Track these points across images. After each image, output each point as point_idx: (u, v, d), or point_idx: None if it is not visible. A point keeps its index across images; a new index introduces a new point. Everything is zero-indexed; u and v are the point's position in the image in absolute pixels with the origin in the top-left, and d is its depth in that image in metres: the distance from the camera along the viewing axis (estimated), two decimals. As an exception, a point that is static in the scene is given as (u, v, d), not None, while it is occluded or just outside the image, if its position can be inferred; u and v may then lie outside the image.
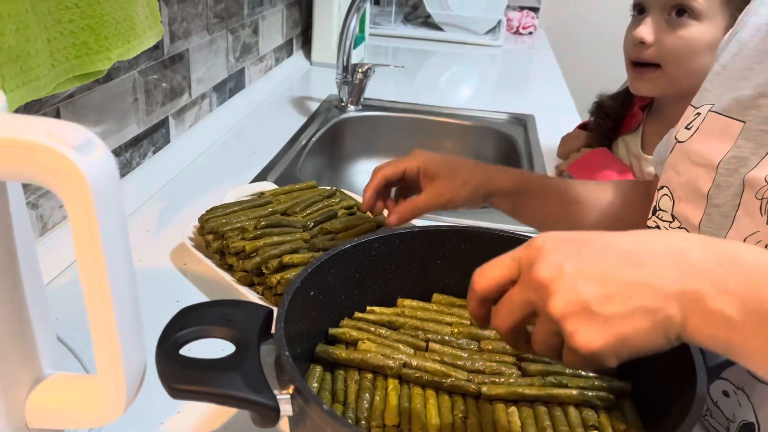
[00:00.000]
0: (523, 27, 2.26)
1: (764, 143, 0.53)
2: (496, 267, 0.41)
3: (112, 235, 0.36)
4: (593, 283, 0.36)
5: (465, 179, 0.71)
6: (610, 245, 0.38)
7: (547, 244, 0.38)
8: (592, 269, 0.37)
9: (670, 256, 0.36)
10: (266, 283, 0.68)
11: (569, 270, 0.37)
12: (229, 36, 1.23)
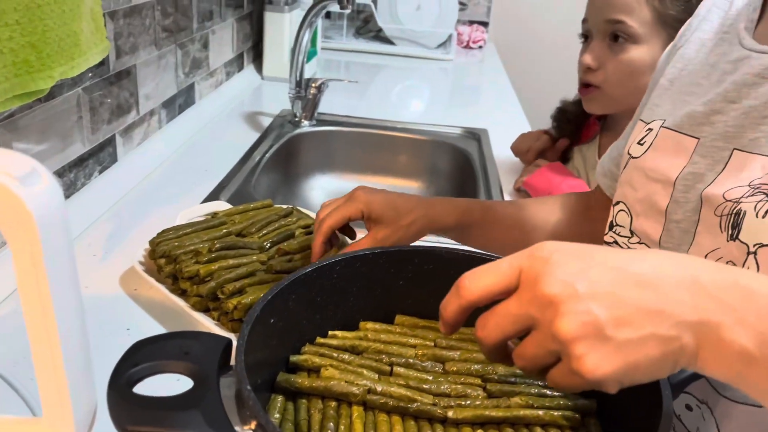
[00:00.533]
0: (473, 41, 2.29)
1: (720, 160, 0.54)
2: (491, 274, 0.38)
3: (59, 269, 0.33)
4: (607, 305, 0.34)
5: (409, 221, 0.71)
6: (622, 266, 0.36)
7: (554, 256, 0.36)
8: (605, 290, 0.34)
9: (683, 281, 0.35)
10: (222, 308, 0.66)
11: (581, 289, 0.34)
12: (178, 51, 1.20)
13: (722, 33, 0.61)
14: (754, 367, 0.34)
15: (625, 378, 0.35)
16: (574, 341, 0.34)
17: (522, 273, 0.37)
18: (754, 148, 0.52)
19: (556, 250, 0.37)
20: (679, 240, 0.56)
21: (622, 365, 0.34)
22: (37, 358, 0.34)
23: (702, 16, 0.65)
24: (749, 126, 0.53)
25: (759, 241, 0.49)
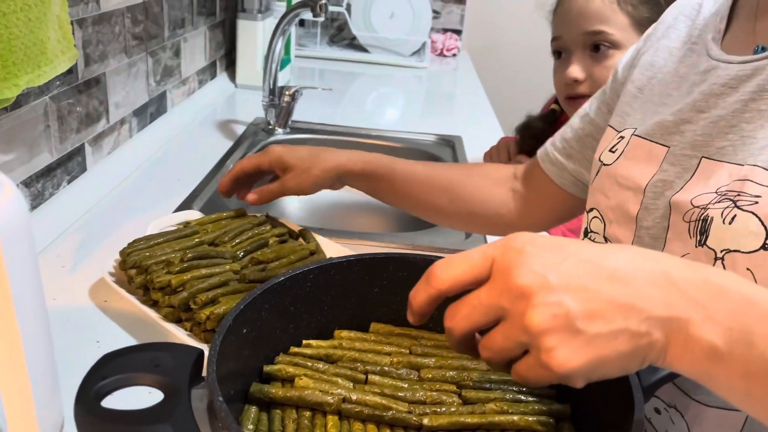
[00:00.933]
0: (447, 49, 2.31)
1: (688, 168, 0.55)
2: (463, 263, 0.37)
3: (22, 281, 0.33)
4: (579, 298, 0.34)
5: (318, 168, 0.81)
6: (596, 260, 0.36)
7: (527, 247, 0.36)
8: (578, 283, 0.34)
9: (655, 277, 0.35)
10: (194, 318, 0.65)
11: (555, 281, 0.34)
12: (149, 58, 1.19)
13: (690, 43, 0.62)
14: (722, 363, 0.34)
15: (594, 373, 0.35)
16: (544, 334, 0.34)
17: (494, 263, 0.36)
18: (721, 156, 0.53)
19: (529, 241, 0.36)
20: (649, 246, 0.57)
21: (592, 359, 0.34)
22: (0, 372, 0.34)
23: (668, 24, 0.67)
24: (717, 135, 0.54)
25: (726, 246, 0.49)
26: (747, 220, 0.48)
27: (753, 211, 0.48)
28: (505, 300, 0.35)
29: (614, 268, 0.35)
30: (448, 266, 0.38)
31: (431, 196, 0.84)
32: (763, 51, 0.54)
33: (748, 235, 0.48)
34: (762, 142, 0.50)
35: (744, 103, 0.53)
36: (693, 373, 0.35)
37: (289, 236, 0.82)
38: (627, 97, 0.67)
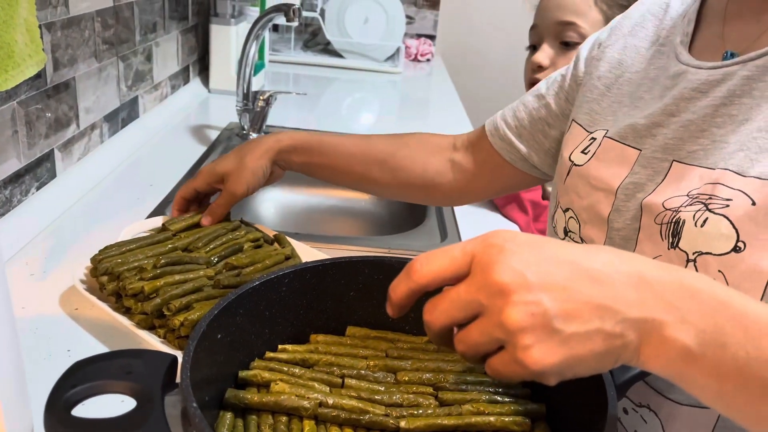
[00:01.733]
0: (421, 54, 2.32)
1: (660, 170, 0.55)
2: (443, 258, 0.37)
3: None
4: (557, 298, 0.34)
5: (250, 159, 0.80)
6: (576, 260, 0.36)
7: (508, 245, 0.36)
8: (556, 283, 0.35)
9: (631, 279, 0.35)
10: (168, 325, 0.64)
11: (533, 279, 0.34)
12: (120, 63, 1.17)
13: (659, 45, 0.63)
14: (694, 364, 0.35)
15: (568, 371, 0.35)
16: (520, 331, 0.34)
17: (474, 259, 0.37)
18: (692, 160, 0.54)
19: (510, 239, 0.37)
20: (620, 248, 0.58)
21: (566, 358, 0.35)
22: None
23: (636, 21, 0.67)
24: (688, 139, 0.55)
25: (698, 249, 0.50)
26: (718, 223, 0.49)
27: (724, 214, 0.49)
28: (483, 296, 0.35)
29: (592, 268, 0.36)
30: (429, 261, 0.38)
31: (365, 168, 0.84)
32: (732, 57, 0.55)
33: (720, 237, 0.49)
34: (733, 147, 0.51)
35: (715, 108, 0.54)
36: (666, 373, 0.36)
37: (263, 241, 0.82)
38: (594, 94, 0.67)
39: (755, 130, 0.50)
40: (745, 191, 0.48)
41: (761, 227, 0.47)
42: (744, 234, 0.48)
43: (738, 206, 0.48)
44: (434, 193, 0.85)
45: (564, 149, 0.67)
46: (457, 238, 0.96)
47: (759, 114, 0.51)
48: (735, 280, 0.48)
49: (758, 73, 0.52)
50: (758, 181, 0.48)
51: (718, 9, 0.60)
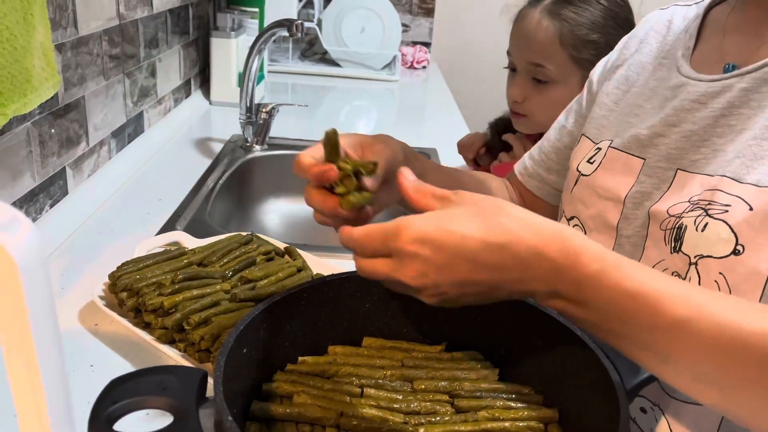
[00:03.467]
0: (417, 61, 2.34)
1: (665, 179, 0.58)
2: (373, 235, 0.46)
3: (42, 319, 0.34)
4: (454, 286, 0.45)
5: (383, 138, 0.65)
6: (476, 258, 0.44)
7: (422, 251, 0.44)
8: (455, 279, 0.45)
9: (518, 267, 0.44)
10: (188, 339, 0.66)
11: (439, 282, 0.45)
12: (126, 80, 1.19)
13: (661, 58, 0.66)
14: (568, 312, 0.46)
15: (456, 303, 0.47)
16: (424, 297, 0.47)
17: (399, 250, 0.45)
18: (695, 168, 0.56)
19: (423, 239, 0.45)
20: (629, 254, 0.60)
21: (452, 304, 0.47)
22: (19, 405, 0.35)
23: (641, 39, 0.70)
24: (690, 148, 0.57)
25: (699, 252, 0.53)
26: (718, 228, 0.51)
27: (723, 219, 0.51)
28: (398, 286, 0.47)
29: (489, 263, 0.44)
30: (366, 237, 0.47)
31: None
32: (733, 69, 0.57)
33: (719, 242, 0.51)
34: (731, 155, 0.54)
35: (715, 118, 0.56)
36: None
37: (275, 254, 0.84)
38: (603, 110, 0.70)
39: (750, 138, 0.53)
40: (743, 197, 0.51)
41: (758, 231, 0.49)
42: (743, 238, 0.50)
43: (736, 212, 0.51)
44: None
45: (573, 161, 0.70)
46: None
47: (755, 123, 0.53)
48: (735, 281, 0.51)
49: (755, 85, 0.55)
50: (755, 188, 0.51)
51: (718, 23, 0.62)
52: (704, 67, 0.60)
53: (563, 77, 1.06)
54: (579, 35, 1.03)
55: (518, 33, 1.10)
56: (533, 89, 1.08)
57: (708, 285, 0.52)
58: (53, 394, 0.36)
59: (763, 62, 0.55)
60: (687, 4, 0.69)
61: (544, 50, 1.05)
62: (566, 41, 1.03)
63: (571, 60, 1.05)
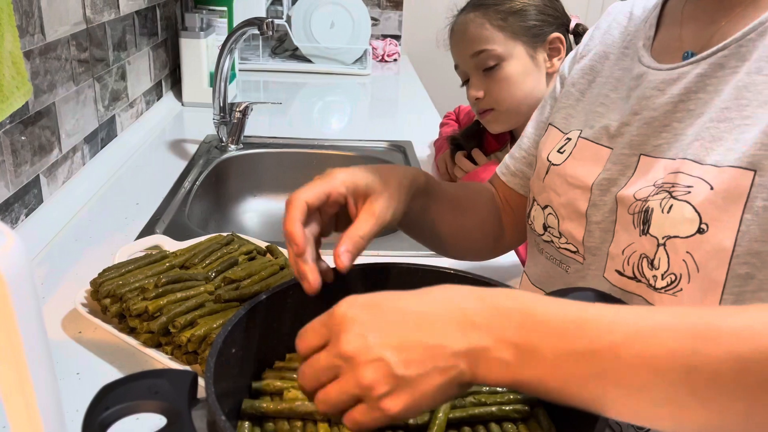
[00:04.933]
0: (387, 55, 2.35)
1: (629, 165, 0.60)
2: (310, 333, 0.45)
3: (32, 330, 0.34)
4: (395, 350, 0.41)
5: (396, 186, 0.60)
6: (407, 310, 0.42)
7: (348, 312, 0.42)
8: (392, 337, 0.41)
9: (453, 316, 0.41)
10: (175, 342, 0.66)
11: (373, 341, 0.41)
12: (96, 84, 1.18)
13: (623, 48, 0.68)
14: (518, 373, 0.40)
15: (420, 407, 0.41)
16: (373, 386, 0.41)
17: (329, 331, 0.44)
18: (658, 153, 0.58)
19: (350, 306, 0.43)
20: (600, 239, 0.62)
21: (416, 397, 0.41)
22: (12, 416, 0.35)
23: (604, 30, 0.72)
24: (652, 134, 0.59)
25: (666, 233, 0.55)
26: (682, 209, 0.54)
27: (687, 200, 0.53)
28: (338, 361, 0.42)
29: (420, 315, 0.42)
30: (302, 336, 0.46)
31: (456, 219, 0.74)
32: (691, 56, 0.59)
33: (684, 222, 0.53)
34: (690, 138, 0.56)
35: (674, 104, 0.58)
36: (502, 385, 0.42)
37: (257, 253, 0.84)
38: (570, 100, 0.71)
39: (708, 121, 0.55)
40: (704, 178, 0.53)
41: (720, 210, 0.52)
42: (706, 217, 0.52)
43: (698, 192, 0.53)
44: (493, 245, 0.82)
45: (541, 151, 0.71)
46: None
47: (712, 107, 0.56)
48: (701, 259, 0.53)
49: (710, 70, 0.57)
50: (714, 169, 0.53)
51: (675, 13, 0.64)
52: (664, 56, 0.62)
53: (508, 53, 1.09)
54: (502, 10, 1.09)
55: (455, 40, 1.15)
56: (488, 79, 1.11)
57: (676, 264, 0.54)
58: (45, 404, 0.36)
59: (716, 48, 0.57)
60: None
61: (479, 36, 1.09)
62: (494, 21, 1.09)
63: (508, 35, 1.09)
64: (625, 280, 0.59)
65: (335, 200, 0.57)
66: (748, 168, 0.51)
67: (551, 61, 1.11)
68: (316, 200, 0.56)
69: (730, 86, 0.55)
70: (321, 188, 0.56)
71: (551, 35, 1.10)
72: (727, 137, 0.53)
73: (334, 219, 0.60)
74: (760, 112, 0.52)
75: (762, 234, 0.50)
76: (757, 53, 0.54)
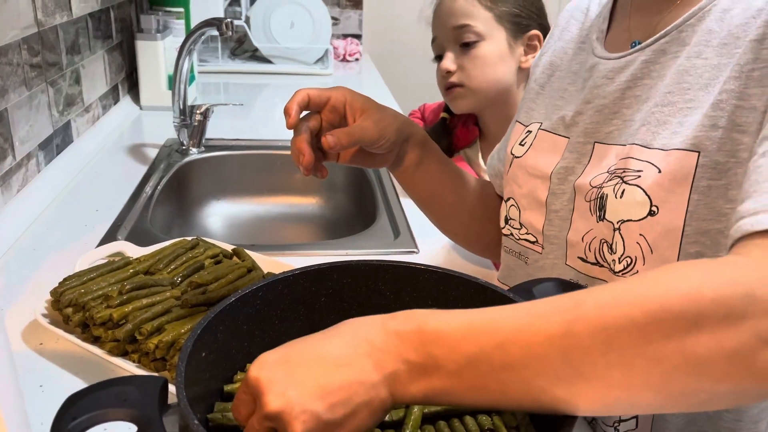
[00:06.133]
0: (349, 54, 2.34)
1: (584, 153, 0.62)
2: (237, 402, 0.44)
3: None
4: (317, 398, 0.40)
5: (391, 117, 0.68)
6: (318, 355, 0.42)
7: (262, 375, 0.42)
8: (311, 387, 0.41)
9: (363, 349, 0.42)
10: (142, 349, 0.65)
11: (295, 396, 0.40)
12: (50, 89, 1.15)
13: (580, 43, 0.69)
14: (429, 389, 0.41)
15: None
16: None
17: (252, 396, 0.42)
18: (610, 140, 0.60)
19: (261, 368, 0.42)
20: (559, 227, 0.63)
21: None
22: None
23: (562, 27, 0.74)
24: (603, 122, 0.61)
25: (620, 218, 0.56)
26: (634, 193, 0.55)
27: (637, 184, 0.55)
28: (268, 422, 0.41)
29: (332, 356, 0.42)
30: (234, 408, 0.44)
31: (460, 192, 0.77)
32: (638, 45, 0.61)
33: (636, 205, 0.55)
34: (638, 123, 0.58)
35: (622, 91, 0.60)
36: (422, 401, 0.43)
37: (223, 256, 0.83)
38: (531, 94, 0.73)
39: (653, 105, 0.57)
40: (652, 162, 0.55)
41: (669, 192, 0.54)
42: (656, 199, 0.54)
43: (647, 176, 0.55)
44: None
45: (507, 147, 0.72)
46: (408, 235, 1.00)
47: (656, 92, 0.57)
48: (654, 240, 0.55)
49: (654, 57, 0.59)
50: (661, 152, 0.55)
51: (625, 6, 0.66)
52: (616, 47, 0.64)
53: (489, 33, 1.11)
54: None
55: (440, 12, 1.16)
56: (463, 55, 1.12)
57: (631, 247, 0.56)
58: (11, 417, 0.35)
59: (659, 35, 0.59)
60: None
61: (465, 11, 1.11)
62: (483, 1, 1.11)
63: (492, 15, 1.11)
64: (589, 266, 0.61)
65: (334, 105, 0.66)
66: (692, 150, 0.53)
67: (526, 56, 1.13)
68: (317, 97, 0.65)
69: (672, 71, 0.57)
70: (323, 90, 0.66)
71: (531, 31, 1.12)
72: (671, 121, 0.55)
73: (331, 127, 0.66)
74: (701, 95, 0.54)
75: (709, 213, 0.52)
76: (696, 38, 0.56)
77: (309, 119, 0.66)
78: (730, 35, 0.54)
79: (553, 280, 0.58)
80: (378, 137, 0.66)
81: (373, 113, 0.66)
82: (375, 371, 0.41)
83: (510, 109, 1.11)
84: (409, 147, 0.72)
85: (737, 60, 0.52)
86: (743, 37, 0.53)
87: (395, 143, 0.69)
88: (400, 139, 0.70)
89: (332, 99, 0.66)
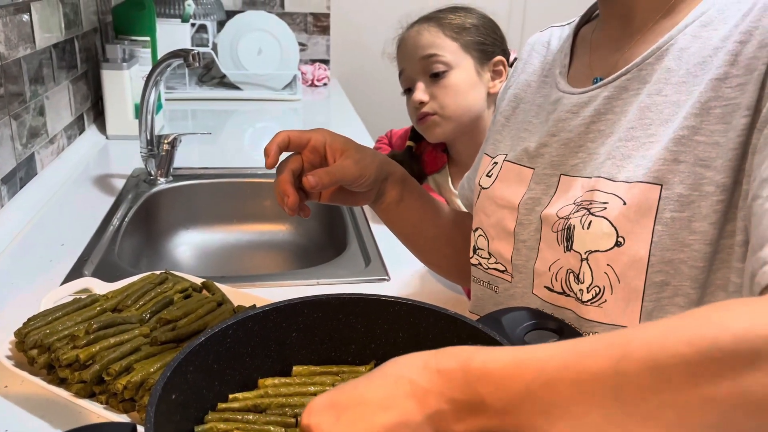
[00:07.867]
0: (317, 79, 2.36)
1: (551, 184, 0.63)
2: None
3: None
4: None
5: (371, 157, 0.71)
6: (363, 397, 0.43)
7: (312, 421, 0.42)
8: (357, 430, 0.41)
9: (406, 389, 0.42)
10: (110, 390, 0.64)
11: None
12: (13, 122, 1.13)
13: (543, 76, 0.71)
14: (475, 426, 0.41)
15: None
16: None
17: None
18: (575, 172, 0.62)
19: (310, 414, 0.43)
20: (526, 257, 0.65)
21: None
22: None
23: (525, 60, 0.76)
24: (569, 154, 0.63)
25: (588, 248, 0.58)
26: (600, 224, 0.57)
27: (604, 216, 0.57)
28: None
29: (377, 398, 0.42)
30: None
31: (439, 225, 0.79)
32: (600, 81, 0.63)
33: (603, 236, 0.56)
34: (603, 157, 0.59)
35: (586, 125, 0.62)
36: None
37: (192, 290, 0.82)
38: (497, 126, 0.75)
39: (617, 140, 0.59)
40: (617, 194, 0.57)
41: (634, 223, 0.55)
42: (622, 230, 0.56)
43: (613, 207, 0.56)
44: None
45: (476, 178, 0.74)
46: (380, 262, 1.00)
47: (620, 127, 0.59)
48: (621, 270, 0.56)
49: (616, 93, 0.61)
50: (626, 185, 0.56)
51: (585, 42, 0.69)
52: (578, 82, 0.66)
53: (457, 62, 1.14)
54: (456, 23, 1.15)
55: (405, 46, 1.18)
56: (434, 85, 1.14)
57: (599, 277, 0.57)
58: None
59: (620, 72, 0.61)
60: (561, 25, 0.75)
61: (432, 42, 1.14)
62: (448, 31, 1.14)
63: (459, 45, 1.14)
64: (555, 295, 0.62)
65: (314, 146, 0.69)
66: (655, 183, 0.55)
67: (494, 81, 1.15)
68: (297, 138, 0.68)
69: (634, 107, 0.59)
70: (303, 132, 0.69)
71: (496, 57, 1.15)
72: (634, 155, 0.57)
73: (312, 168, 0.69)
74: (661, 130, 0.56)
75: (672, 243, 0.54)
76: (656, 76, 0.58)
77: (291, 161, 0.68)
78: (688, 74, 0.56)
79: (523, 309, 0.59)
80: (358, 176, 0.69)
81: (352, 153, 0.69)
82: (418, 411, 0.41)
83: (480, 135, 1.12)
84: (389, 185, 0.75)
85: (697, 98, 0.54)
86: (701, 75, 0.55)
87: (375, 181, 0.72)
88: (380, 178, 0.72)
89: (312, 140, 0.69)
